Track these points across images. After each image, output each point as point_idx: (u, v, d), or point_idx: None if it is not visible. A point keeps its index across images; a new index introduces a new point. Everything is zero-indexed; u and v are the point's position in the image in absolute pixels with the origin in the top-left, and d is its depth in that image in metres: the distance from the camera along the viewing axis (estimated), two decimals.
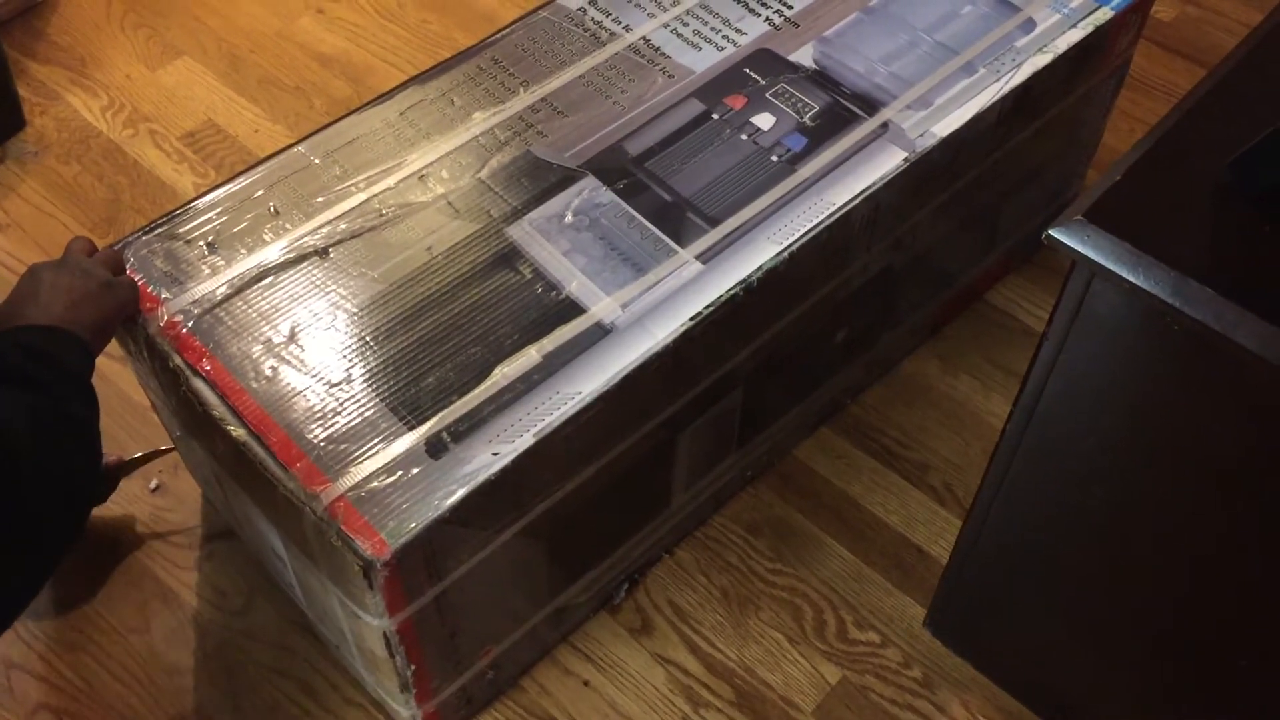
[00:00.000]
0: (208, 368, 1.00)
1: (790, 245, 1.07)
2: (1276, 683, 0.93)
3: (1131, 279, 0.75)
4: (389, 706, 1.15)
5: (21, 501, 0.80)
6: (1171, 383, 0.83)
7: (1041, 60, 1.21)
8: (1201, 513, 0.87)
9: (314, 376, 1.00)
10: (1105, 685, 1.07)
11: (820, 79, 1.21)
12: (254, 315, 1.04)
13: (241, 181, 1.14)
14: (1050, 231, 0.78)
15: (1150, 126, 0.84)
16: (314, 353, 1.01)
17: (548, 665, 1.22)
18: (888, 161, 1.13)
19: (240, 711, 1.19)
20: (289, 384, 0.99)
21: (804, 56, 1.23)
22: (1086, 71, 1.29)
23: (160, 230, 1.10)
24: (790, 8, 1.28)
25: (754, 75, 1.22)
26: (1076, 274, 0.81)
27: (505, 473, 0.94)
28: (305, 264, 1.07)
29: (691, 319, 1.03)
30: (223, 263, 1.07)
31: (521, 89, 1.21)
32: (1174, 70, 1.76)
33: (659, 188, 1.12)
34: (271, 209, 1.12)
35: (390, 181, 1.13)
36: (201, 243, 1.09)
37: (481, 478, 0.93)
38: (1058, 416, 0.91)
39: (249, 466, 0.97)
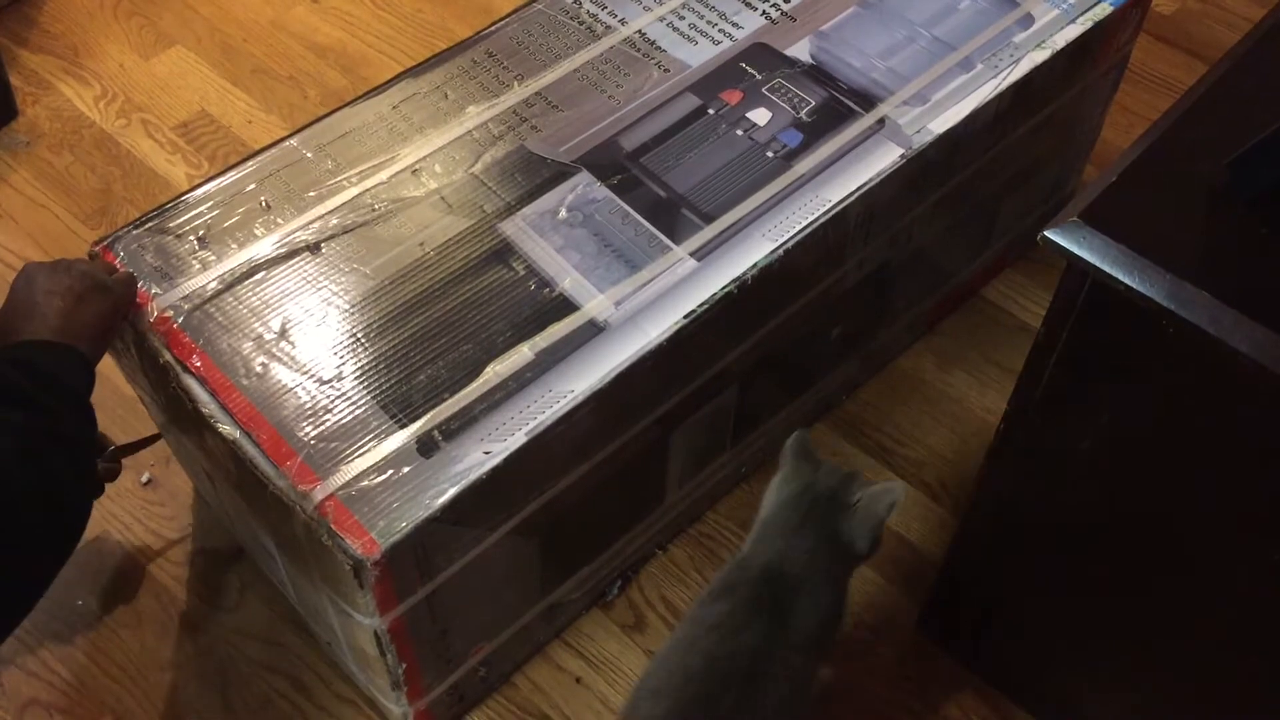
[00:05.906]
0: (198, 364, 0.99)
1: (785, 242, 1.06)
2: (1269, 686, 0.93)
3: (1127, 281, 0.74)
4: (380, 704, 1.14)
5: (4, 521, 0.79)
6: (1166, 385, 0.82)
7: (1039, 56, 1.20)
8: (1196, 515, 0.87)
9: (305, 373, 0.99)
10: (1098, 685, 1.07)
11: (817, 74, 1.20)
12: (245, 311, 1.03)
13: (233, 175, 1.13)
14: (1045, 233, 0.77)
15: (1150, 121, 0.83)
16: (305, 349, 1.01)
17: (540, 662, 1.21)
18: (884, 158, 1.12)
19: (231, 707, 1.18)
20: (280, 381, 0.98)
21: (801, 51, 1.22)
22: (1085, 67, 1.28)
23: (150, 224, 1.10)
24: (787, 1, 1.27)
25: (750, 70, 1.21)
26: (1071, 276, 0.80)
27: (497, 472, 0.94)
28: (297, 259, 1.07)
29: (685, 316, 1.02)
30: (213, 257, 1.07)
31: (515, 83, 1.20)
32: (1174, 65, 1.75)
33: (653, 183, 1.11)
34: (263, 203, 1.11)
35: (383, 176, 1.12)
36: (192, 237, 1.08)
37: (473, 477, 0.93)
38: (1052, 418, 0.90)
39: (239, 464, 0.96)
